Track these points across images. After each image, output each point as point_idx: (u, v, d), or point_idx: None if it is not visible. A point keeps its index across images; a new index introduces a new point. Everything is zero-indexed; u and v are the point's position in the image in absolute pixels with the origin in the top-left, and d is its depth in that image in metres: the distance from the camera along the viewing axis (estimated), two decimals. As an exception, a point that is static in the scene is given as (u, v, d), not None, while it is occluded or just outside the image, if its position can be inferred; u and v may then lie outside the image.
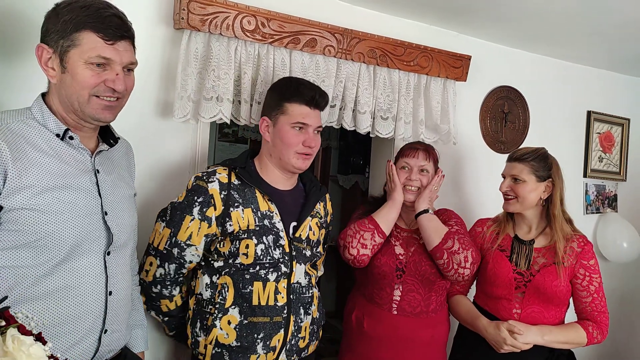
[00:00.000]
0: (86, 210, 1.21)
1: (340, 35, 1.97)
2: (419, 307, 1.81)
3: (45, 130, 1.19)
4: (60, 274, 1.17)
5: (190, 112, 1.75)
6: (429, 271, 1.81)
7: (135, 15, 1.70)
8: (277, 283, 1.53)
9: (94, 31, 1.15)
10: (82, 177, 1.22)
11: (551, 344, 1.76)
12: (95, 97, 1.19)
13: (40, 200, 1.13)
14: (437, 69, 2.23)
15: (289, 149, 1.55)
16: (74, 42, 1.15)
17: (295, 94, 1.56)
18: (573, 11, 2.09)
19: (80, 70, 1.16)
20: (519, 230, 1.91)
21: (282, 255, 1.54)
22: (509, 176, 1.86)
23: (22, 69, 1.55)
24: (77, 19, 1.14)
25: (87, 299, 1.21)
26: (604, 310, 1.80)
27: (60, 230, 1.15)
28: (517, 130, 2.73)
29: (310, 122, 1.57)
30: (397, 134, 2.17)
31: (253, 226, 1.51)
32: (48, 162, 1.16)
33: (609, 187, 3.13)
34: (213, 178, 1.53)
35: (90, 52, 1.15)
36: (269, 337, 1.51)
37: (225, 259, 1.53)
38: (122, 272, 1.32)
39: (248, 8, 1.77)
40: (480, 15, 2.21)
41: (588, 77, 2.97)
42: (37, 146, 1.16)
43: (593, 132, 3.01)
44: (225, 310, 1.50)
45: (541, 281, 1.78)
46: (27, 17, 1.53)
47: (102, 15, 1.16)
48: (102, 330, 1.26)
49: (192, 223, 1.50)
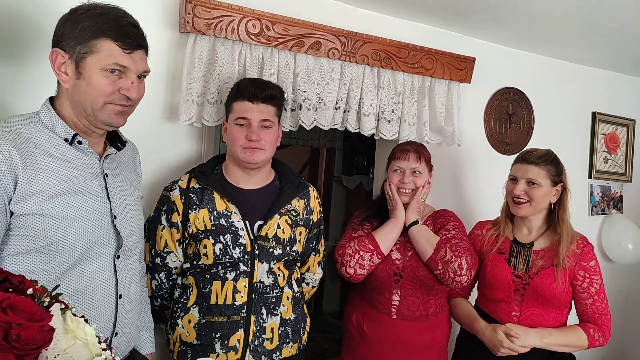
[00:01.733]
0: (96, 214, 1.22)
1: (345, 37, 1.98)
2: (418, 311, 1.80)
3: (54, 135, 1.19)
4: (71, 279, 1.18)
5: (195, 115, 1.76)
6: (426, 276, 1.80)
7: (141, 19, 1.71)
8: (236, 282, 1.55)
9: (113, 39, 1.16)
10: (91, 181, 1.23)
11: (551, 346, 1.75)
12: (109, 103, 1.21)
13: (50, 205, 1.13)
14: (441, 71, 2.23)
15: (235, 145, 1.60)
16: (92, 49, 1.15)
17: (236, 92, 1.61)
18: (577, 12, 2.09)
19: (96, 77, 1.17)
20: (518, 233, 1.90)
21: (242, 254, 1.56)
22: (524, 179, 1.82)
23: (28, 72, 1.56)
24: (95, 27, 1.15)
25: (98, 303, 1.23)
26: (606, 313, 1.79)
27: (71, 235, 1.16)
28: (521, 131, 2.73)
29: (251, 116, 1.58)
30: (402, 135, 2.18)
31: (209, 226, 1.56)
32: (57, 167, 1.17)
33: (615, 188, 3.13)
34: (175, 186, 1.62)
35: (108, 59, 1.16)
36: (227, 336, 1.53)
37: (191, 260, 1.60)
38: (131, 275, 1.34)
39: (253, 12, 1.78)
40: (484, 17, 2.21)
41: (593, 78, 2.96)
42: (47, 151, 1.17)
43: (598, 133, 3.01)
44: (187, 310, 1.57)
45: (539, 284, 1.77)
46: (34, 21, 1.55)
47: (120, 24, 1.17)
48: (113, 334, 1.27)
49: (164, 231, 1.59)
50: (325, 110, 1.98)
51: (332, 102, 2.00)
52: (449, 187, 2.54)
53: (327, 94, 1.98)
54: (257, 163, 1.60)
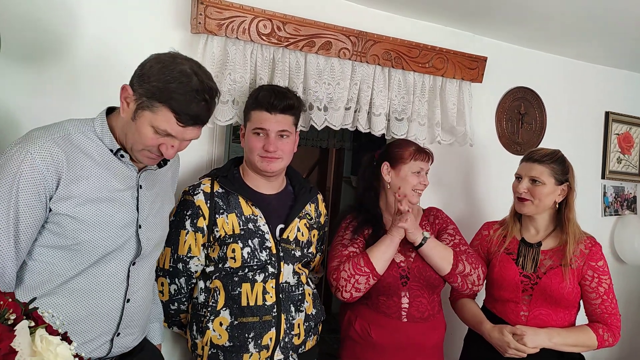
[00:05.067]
0: (123, 222, 1.28)
1: (355, 37, 1.98)
2: (427, 311, 1.78)
3: (102, 143, 1.26)
4: (86, 277, 1.24)
5: (207, 116, 1.77)
6: (433, 276, 1.78)
7: (153, 20, 1.75)
8: (265, 283, 1.58)
9: (173, 112, 1.17)
10: (125, 192, 1.29)
11: (560, 347, 1.74)
12: (146, 150, 1.25)
13: (82, 210, 1.20)
14: (452, 70, 2.22)
15: (253, 153, 1.62)
16: (152, 107, 1.17)
17: (255, 101, 1.62)
18: (589, 11, 2.07)
19: (145, 130, 1.20)
20: (526, 233, 1.89)
21: (268, 256, 1.59)
22: (527, 177, 1.82)
23: (39, 74, 1.58)
24: (164, 94, 1.15)
25: (105, 303, 1.28)
26: (615, 313, 1.78)
27: (96, 240, 1.23)
28: (533, 131, 2.71)
29: (268, 127, 1.60)
30: (412, 135, 2.17)
31: (238, 230, 1.58)
32: (99, 173, 1.23)
33: (628, 189, 3.09)
34: (198, 190, 1.62)
35: (161, 124, 1.18)
36: (260, 336, 1.56)
37: (215, 263, 1.61)
38: (143, 281, 1.37)
39: (264, 12, 1.79)
40: (496, 16, 2.19)
41: (606, 77, 2.93)
42: (92, 157, 1.23)
43: (611, 133, 2.97)
44: (217, 313, 1.58)
45: (548, 283, 1.76)
46: (38, 20, 1.56)
47: (191, 101, 1.17)
48: (115, 334, 1.31)
49: (188, 236, 1.59)
50: (336, 110, 1.98)
51: (342, 102, 1.99)
52: (461, 187, 2.53)
53: (337, 94, 1.98)
54: (274, 172, 1.65)
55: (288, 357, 1.62)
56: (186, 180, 1.83)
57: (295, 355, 1.65)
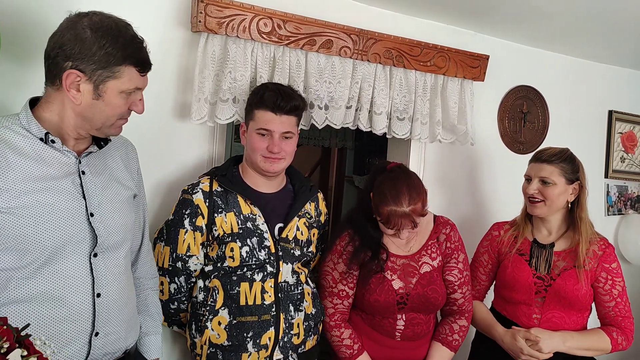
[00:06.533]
0: (67, 212, 1.20)
1: (356, 36, 1.97)
2: (422, 330, 1.75)
3: (30, 134, 1.20)
4: (43, 277, 1.17)
5: (207, 114, 1.76)
6: (433, 298, 1.72)
7: (153, 19, 1.74)
8: (264, 283, 1.58)
9: (134, 66, 1.21)
10: (64, 179, 1.22)
11: (573, 350, 1.71)
12: (119, 119, 1.26)
13: (17, 203, 1.13)
14: (454, 69, 2.20)
15: (255, 153, 1.61)
16: (115, 74, 1.18)
17: (259, 101, 1.60)
18: (592, 9, 2.05)
19: (116, 100, 1.21)
20: (538, 234, 1.86)
21: (267, 256, 1.59)
22: (537, 178, 1.77)
23: (39, 74, 1.56)
24: (119, 54, 1.18)
25: (71, 302, 1.20)
26: (629, 315, 1.75)
27: (39, 233, 1.15)
28: (536, 130, 2.69)
29: (273, 128, 1.59)
30: (414, 134, 2.16)
31: (236, 229, 1.57)
32: (29, 165, 1.17)
33: (632, 188, 3.07)
34: (197, 189, 1.61)
35: (129, 84, 1.21)
36: (258, 335, 1.56)
37: (214, 262, 1.60)
38: (113, 273, 1.29)
39: (264, 10, 1.78)
40: (498, 14, 2.18)
41: (609, 75, 2.91)
42: (19, 150, 1.17)
43: (615, 132, 2.95)
44: (215, 312, 1.57)
45: (562, 285, 1.73)
46: (39, 19, 1.55)
47: (140, 50, 1.22)
48: (92, 333, 1.23)
49: (187, 235, 1.58)
50: (337, 109, 1.97)
51: (343, 100, 1.99)
52: (462, 186, 2.51)
53: (338, 93, 1.97)
54: (276, 172, 1.64)
55: (287, 356, 1.61)
56: (186, 180, 1.82)
57: (295, 355, 1.64)
